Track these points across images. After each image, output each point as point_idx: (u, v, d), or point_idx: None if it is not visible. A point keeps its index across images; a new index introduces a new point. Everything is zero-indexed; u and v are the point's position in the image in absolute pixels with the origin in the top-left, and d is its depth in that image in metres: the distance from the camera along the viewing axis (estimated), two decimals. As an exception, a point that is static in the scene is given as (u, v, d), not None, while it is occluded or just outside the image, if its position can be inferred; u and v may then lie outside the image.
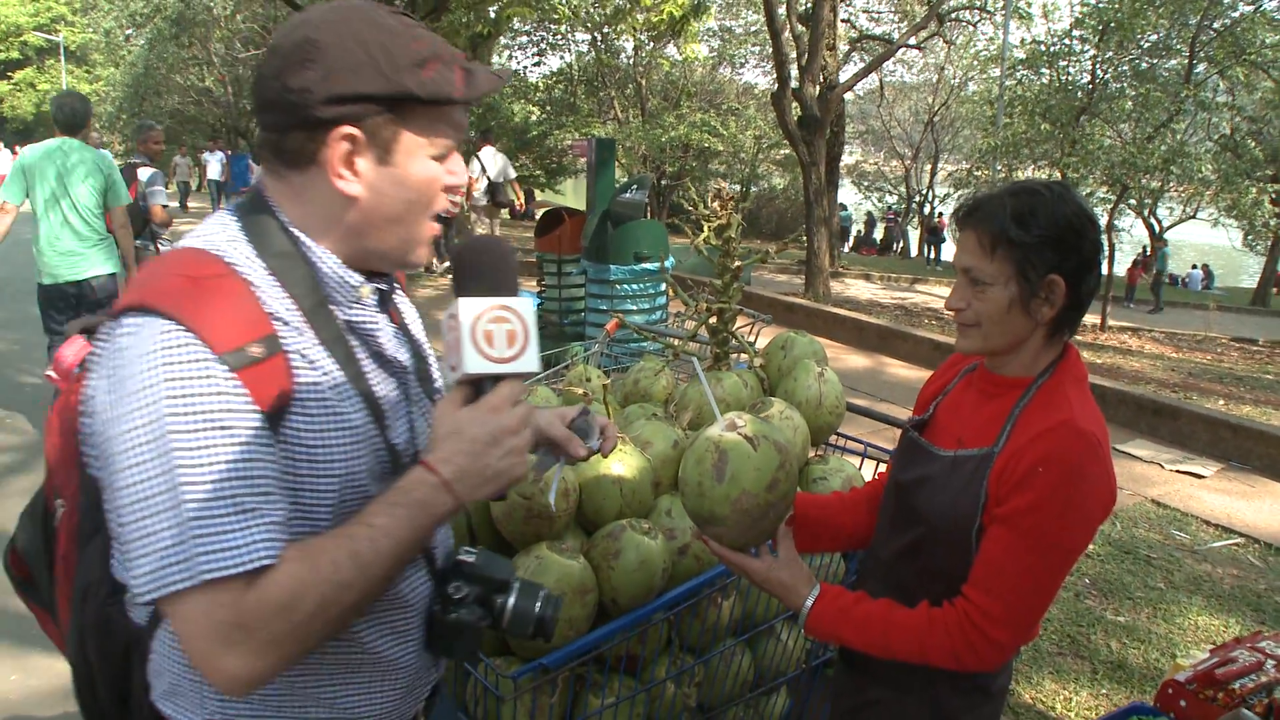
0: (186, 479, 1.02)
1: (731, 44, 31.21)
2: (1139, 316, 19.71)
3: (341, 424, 1.16)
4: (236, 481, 1.04)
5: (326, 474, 1.14)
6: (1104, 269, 1.68)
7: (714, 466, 1.63)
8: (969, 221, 1.65)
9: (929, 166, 33.93)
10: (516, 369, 1.19)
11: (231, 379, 1.05)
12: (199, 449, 1.02)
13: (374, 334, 1.26)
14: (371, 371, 1.23)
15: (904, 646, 1.63)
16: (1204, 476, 6.62)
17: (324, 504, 1.15)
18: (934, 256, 30.36)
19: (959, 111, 31.14)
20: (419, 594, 1.30)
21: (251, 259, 1.15)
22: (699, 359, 2.75)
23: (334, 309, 1.21)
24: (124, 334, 1.07)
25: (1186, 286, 28.25)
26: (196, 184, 26.35)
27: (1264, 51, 15.89)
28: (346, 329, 1.22)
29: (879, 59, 18.41)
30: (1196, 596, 4.67)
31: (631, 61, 28.66)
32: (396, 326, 1.33)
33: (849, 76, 17.13)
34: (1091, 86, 15.73)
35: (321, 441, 1.14)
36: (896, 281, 21.32)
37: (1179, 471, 6.71)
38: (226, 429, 1.04)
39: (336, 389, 1.16)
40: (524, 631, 1.30)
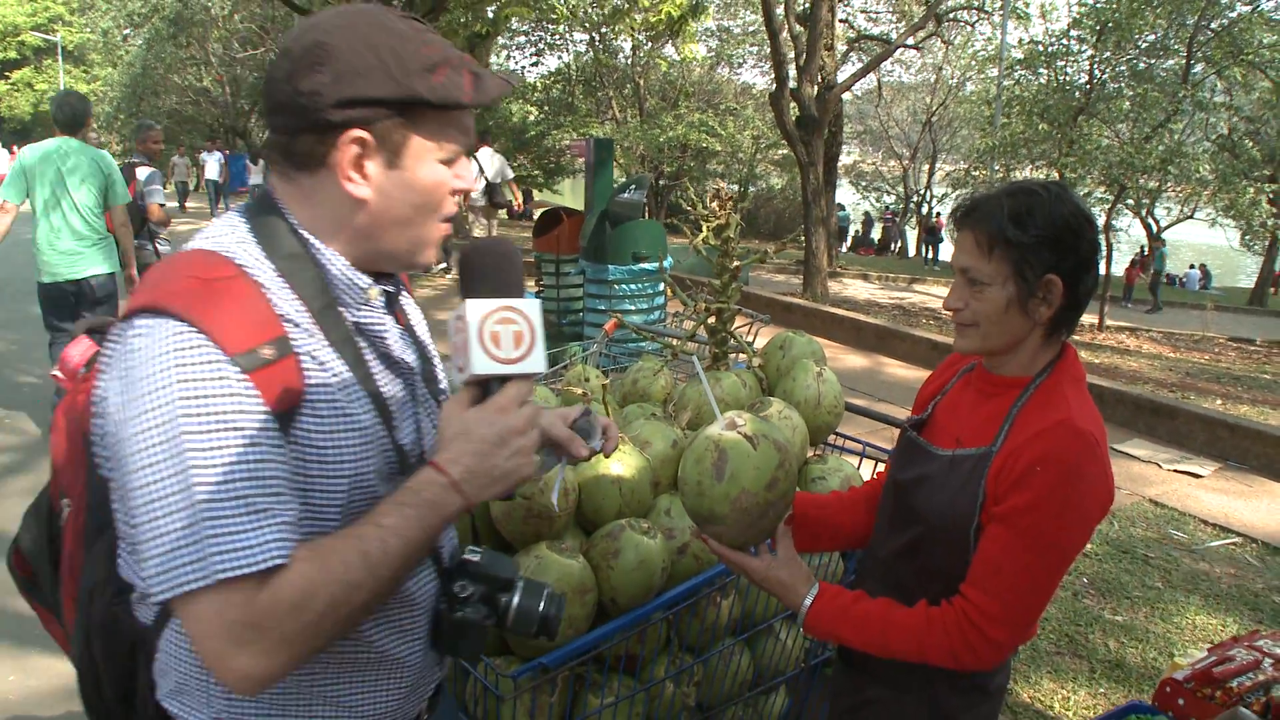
0: (200, 479, 1.02)
1: (729, 44, 31.22)
2: (1137, 316, 19.72)
3: (351, 425, 1.17)
4: (249, 482, 1.04)
5: (336, 474, 1.15)
6: (1101, 269, 1.67)
7: (714, 465, 1.63)
8: (967, 222, 1.66)
9: (927, 166, 33.94)
10: (523, 369, 1.20)
11: (244, 380, 1.06)
12: (212, 450, 1.03)
13: (382, 335, 1.27)
14: (379, 372, 1.24)
15: (902, 645, 1.63)
16: (1201, 476, 6.63)
17: (333, 504, 1.16)
18: (932, 256, 30.36)
19: (957, 111, 31.16)
20: (425, 592, 1.31)
21: (261, 261, 1.16)
22: (698, 358, 2.75)
23: (342, 310, 1.21)
24: (136, 335, 1.08)
25: (1184, 286, 28.25)
26: (194, 184, 26.31)
27: (1261, 52, 15.90)
28: (355, 330, 1.22)
29: (877, 59, 18.43)
30: (1194, 596, 4.68)
31: (629, 61, 28.66)
32: (402, 328, 1.34)
33: (847, 76, 17.16)
34: (1089, 86, 15.73)
35: (331, 442, 1.14)
36: (894, 281, 21.32)
37: (1177, 471, 6.72)
38: (239, 430, 1.04)
39: (346, 390, 1.17)
40: (528, 630, 1.31)
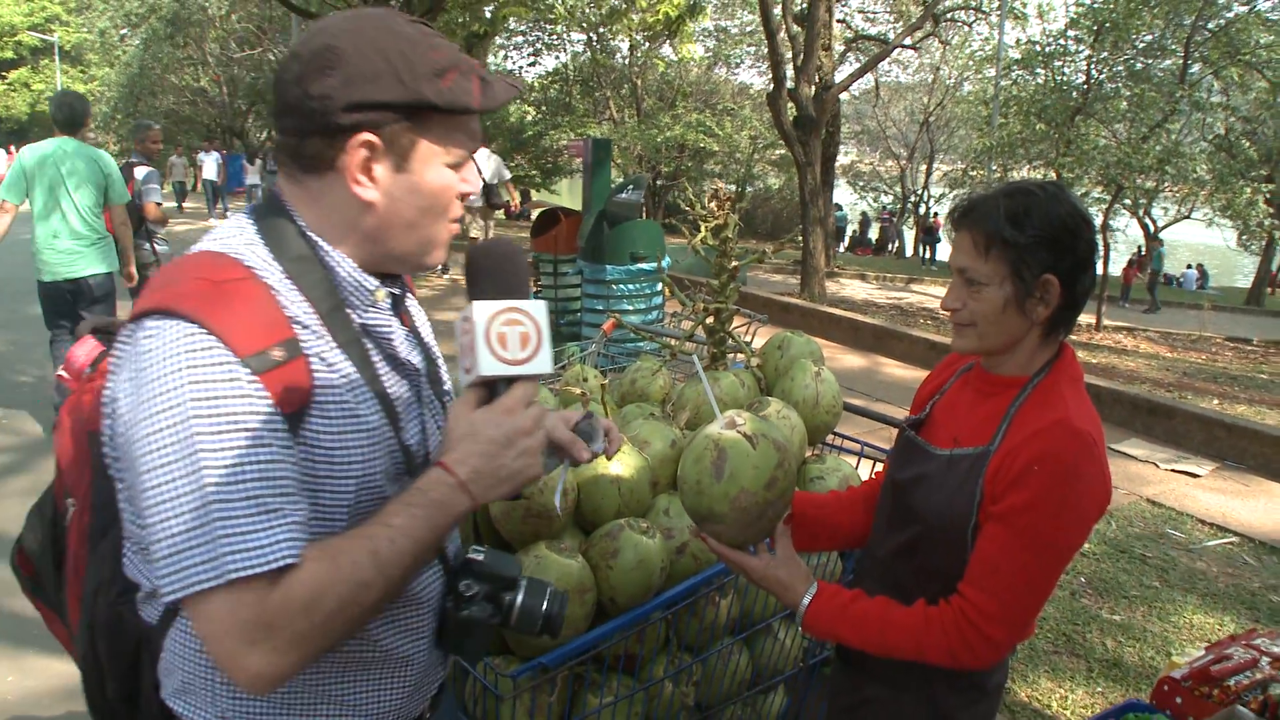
0: (212, 480, 1.03)
1: (727, 44, 31.23)
2: (1134, 316, 19.74)
3: (359, 425, 1.17)
4: (260, 482, 1.05)
5: (344, 475, 1.16)
6: (1099, 269, 1.68)
7: (713, 464, 1.63)
8: (964, 222, 1.66)
9: (924, 166, 33.95)
10: (530, 370, 1.21)
11: (254, 382, 1.06)
12: (224, 450, 1.03)
13: (388, 337, 1.28)
14: (386, 374, 1.24)
15: (901, 644, 1.64)
16: (1199, 476, 6.64)
17: (341, 504, 1.16)
18: (929, 256, 30.38)
19: (954, 111, 31.18)
20: (431, 591, 1.31)
21: (269, 263, 1.16)
22: (698, 357, 2.76)
23: (350, 312, 1.22)
24: (147, 336, 1.08)
25: (1181, 286, 28.29)
26: (192, 184, 26.28)
27: (1258, 52, 15.91)
28: (361, 332, 1.23)
29: (874, 59, 18.40)
30: (1191, 595, 4.69)
31: (627, 62, 28.66)
32: (408, 329, 1.34)
33: (844, 77, 17.17)
34: (1086, 87, 15.73)
35: (340, 443, 1.15)
36: (892, 281, 21.32)
37: (1174, 471, 6.72)
38: (250, 431, 1.05)
39: (354, 391, 1.18)
40: (531, 628, 1.32)
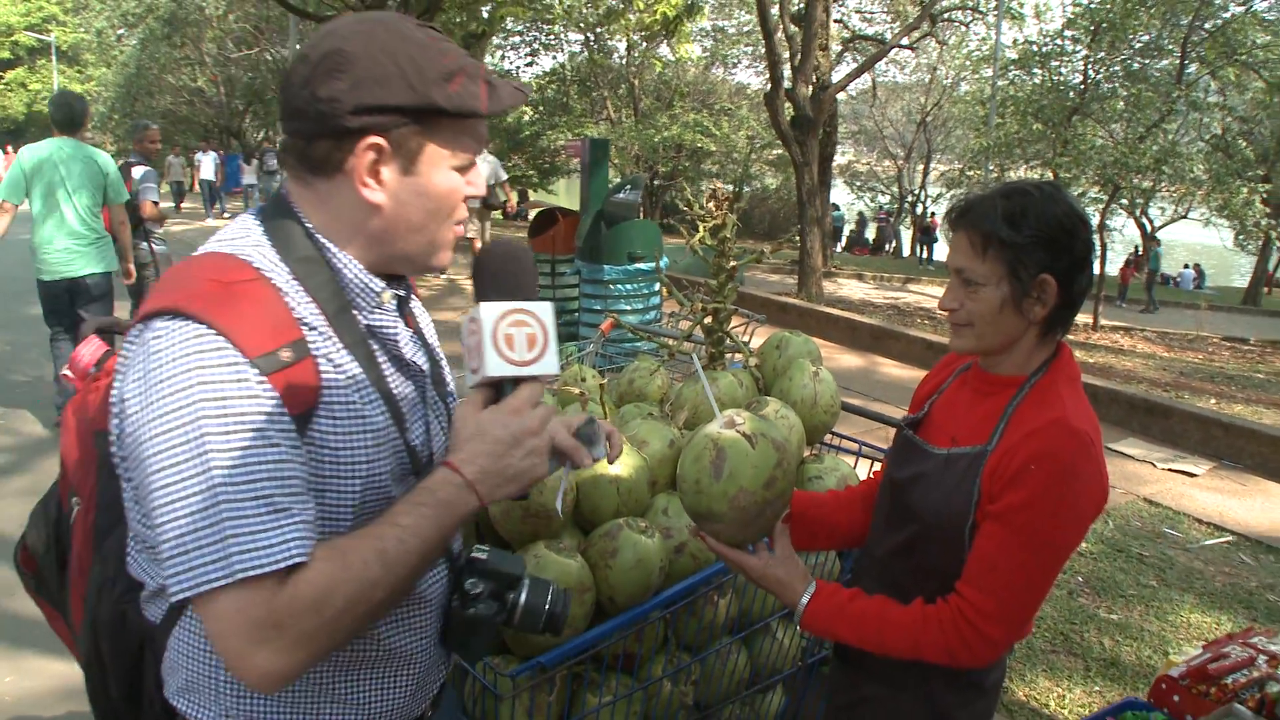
0: (222, 480, 1.03)
1: (724, 44, 31.25)
2: (1131, 316, 19.76)
3: (365, 426, 1.18)
4: (269, 482, 1.05)
5: (350, 475, 1.17)
6: (1096, 269, 1.68)
7: (712, 464, 1.64)
8: (961, 222, 1.67)
9: (921, 166, 33.96)
10: (536, 371, 1.22)
11: (263, 382, 1.07)
12: (233, 450, 1.04)
13: (394, 338, 1.28)
14: (391, 374, 1.25)
15: (899, 643, 1.64)
16: (1196, 475, 6.65)
17: (347, 504, 1.17)
18: (927, 256, 30.39)
19: (951, 111, 31.17)
20: (435, 590, 1.32)
21: (277, 264, 1.17)
22: (697, 357, 2.76)
23: (356, 314, 1.22)
24: (156, 337, 1.08)
25: (1178, 286, 28.31)
26: (189, 184, 26.25)
27: (1255, 52, 15.96)
28: (367, 333, 1.24)
29: (872, 59, 18.40)
30: (1188, 594, 4.69)
31: (624, 62, 28.67)
32: (412, 331, 1.35)
33: (842, 77, 17.16)
34: (1083, 87, 15.76)
35: (346, 443, 1.16)
36: (889, 281, 21.33)
37: (1171, 470, 6.73)
38: (259, 431, 1.06)
39: (361, 392, 1.18)
40: (534, 626, 1.33)
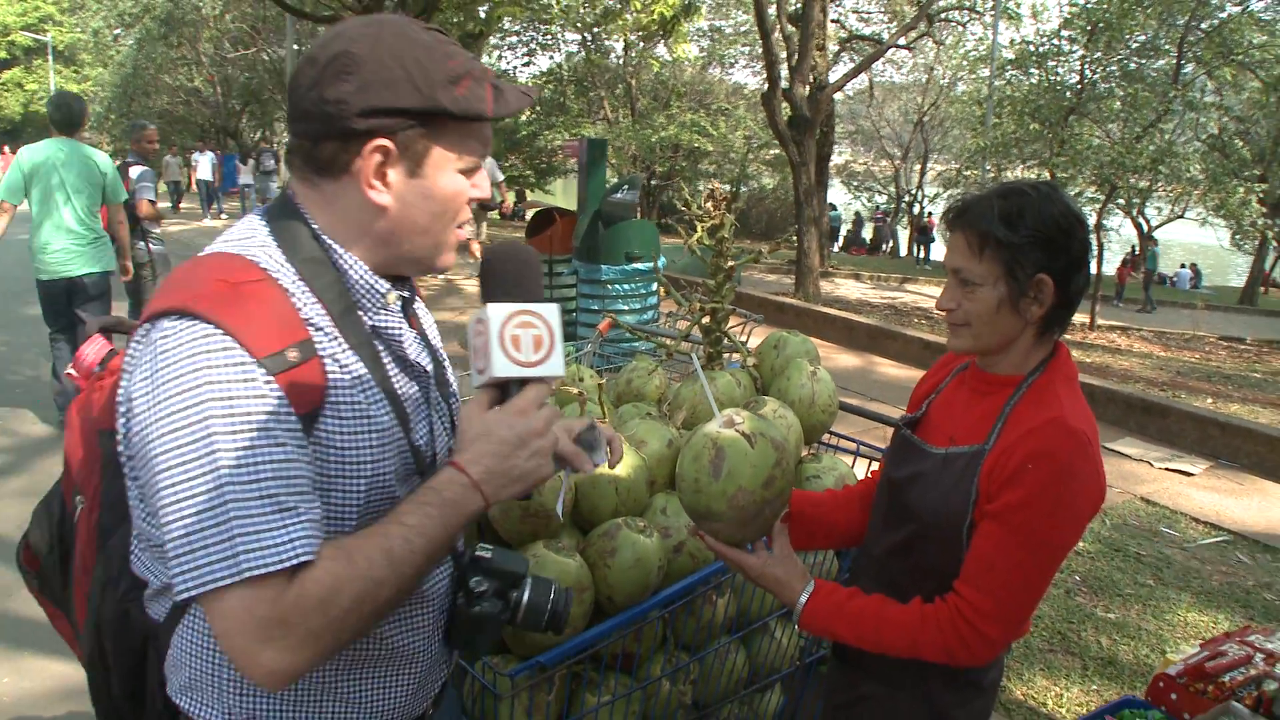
0: (230, 479, 1.04)
1: (721, 44, 31.26)
2: (1128, 315, 19.78)
3: (371, 426, 1.18)
4: (276, 481, 1.06)
5: (356, 474, 1.17)
6: (1093, 268, 1.69)
7: (711, 463, 1.64)
8: (958, 223, 1.67)
9: (918, 166, 33.97)
10: (542, 373, 1.23)
11: (270, 382, 1.07)
12: (241, 449, 1.04)
13: (398, 339, 1.29)
14: (396, 375, 1.26)
15: (897, 642, 1.65)
16: (1192, 474, 6.66)
17: (352, 504, 1.18)
18: (923, 256, 30.40)
19: (948, 111, 31.18)
20: (438, 589, 1.33)
21: (283, 264, 1.18)
22: (696, 356, 2.77)
23: (361, 314, 1.23)
24: (163, 337, 1.09)
25: (1175, 286, 28.34)
26: (186, 184, 26.23)
27: (1251, 52, 15.97)
28: (372, 334, 1.24)
29: (869, 59, 18.42)
30: (1185, 593, 4.71)
31: (622, 62, 28.67)
32: (416, 332, 1.36)
33: (839, 77, 17.12)
34: (1080, 87, 15.77)
35: (352, 443, 1.16)
36: (886, 281, 21.34)
37: (1168, 469, 6.75)
38: (266, 430, 1.06)
39: (366, 392, 1.19)
40: (537, 625, 1.33)
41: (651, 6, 16.96)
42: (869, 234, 35.05)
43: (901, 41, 22.10)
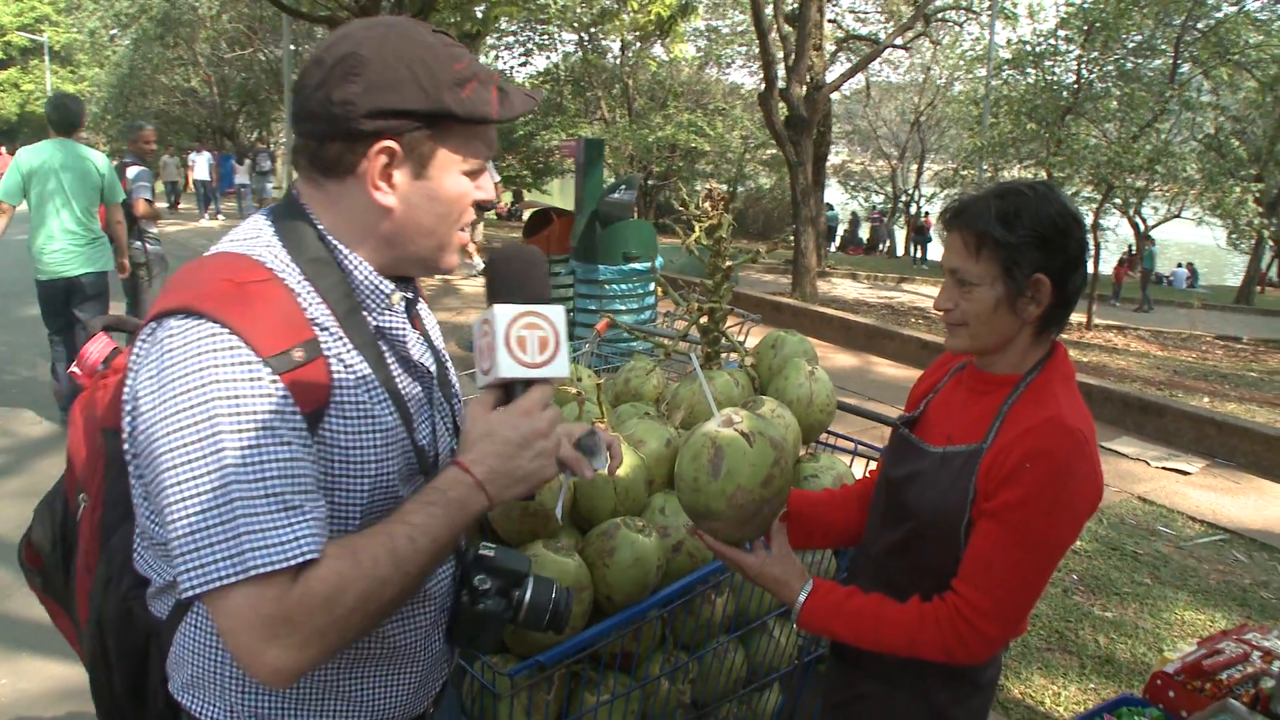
0: (236, 477, 1.04)
1: (718, 44, 31.25)
2: (1125, 315, 19.81)
3: (375, 426, 1.19)
4: (282, 479, 1.06)
5: (359, 474, 1.17)
6: (1090, 268, 1.70)
7: (710, 462, 1.64)
8: (955, 223, 1.67)
9: (915, 166, 33.99)
10: (547, 374, 1.24)
11: (276, 382, 1.08)
12: (247, 448, 1.05)
13: (402, 339, 1.29)
14: (399, 375, 1.26)
15: (895, 640, 1.65)
16: (1189, 473, 6.67)
17: (355, 503, 1.18)
18: (920, 256, 30.43)
19: (945, 111, 31.21)
20: (441, 587, 1.33)
21: (288, 265, 1.18)
22: (695, 355, 2.77)
23: (365, 315, 1.23)
24: (170, 335, 1.09)
25: (1171, 285, 28.37)
26: (183, 184, 26.19)
27: (1248, 52, 16.00)
28: (377, 334, 1.25)
29: (865, 59, 18.42)
30: (1182, 592, 4.71)
31: (619, 61, 28.66)
32: (419, 333, 1.36)
33: (836, 77, 17.14)
34: (1077, 86, 15.79)
35: (356, 443, 1.17)
36: (883, 281, 21.36)
37: (1165, 468, 6.76)
38: (272, 429, 1.07)
39: (371, 392, 1.19)
40: (538, 623, 1.34)
41: (649, 6, 16.98)
42: (865, 234, 35.07)
43: (898, 41, 22.10)
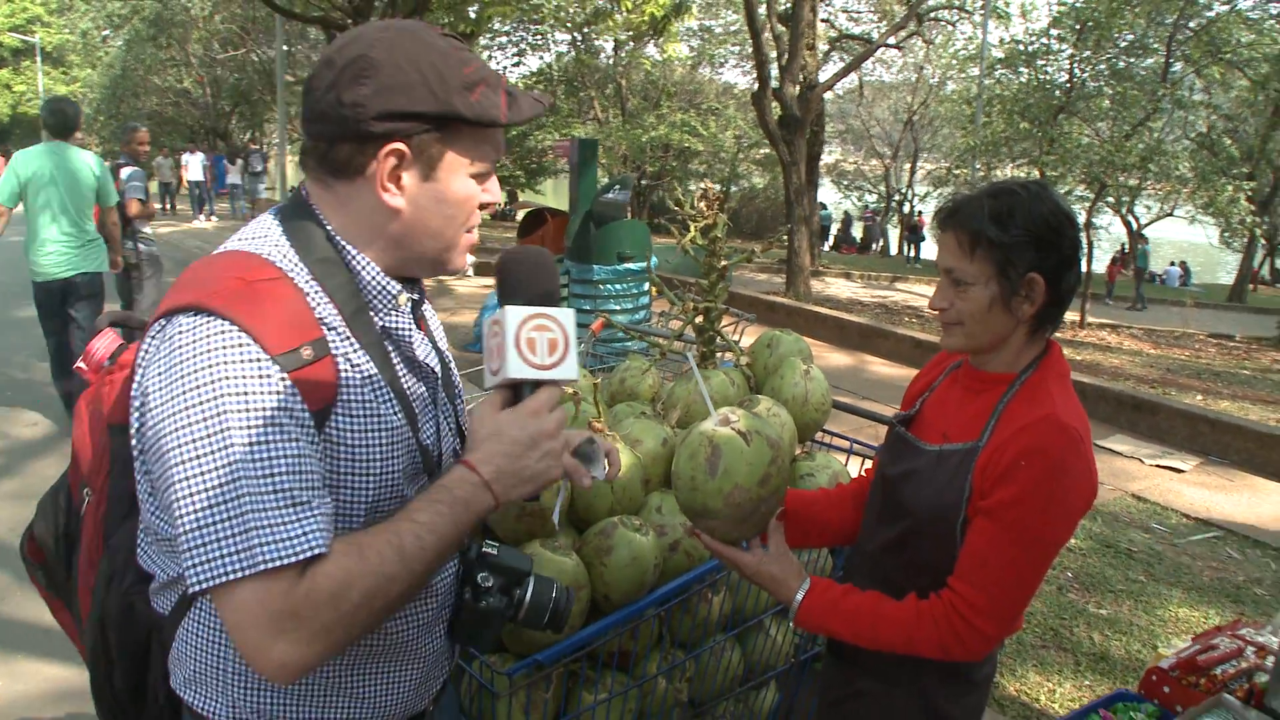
0: (244, 473, 1.04)
1: (711, 44, 31.25)
2: (1118, 313, 19.85)
3: (381, 425, 1.20)
4: (289, 476, 1.07)
5: (365, 472, 1.18)
6: (1083, 266, 1.68)
7: (707, 461, 1.65)
8: (949, 223, 1.68)
9: (908, 165, 34.04)
10: (556, 376, 1.25)
11: (285, 379, 1.09)
12: (256, 445, 1.05)
13: (407, 340, 1.30)
14: (405, 375, 1.27)
15: (892, 638, 1.66)
16: (1183, 471, 6.70)
17: (360, 501, 1.19)
18: (914, 255, 30.47)
19: (938, 110, 31.24)
20: (444, 584, 1.34)
21: (297, 264, 1.19)
22: (691, 355, 2.78)
23: (372, 315, 1.24)
24: (179, 332, 1.10)
25: (1164, 283, 28.45)
26: (176, 185, 26.14)
27: (1240, 50, 16.04)
28: (383, 334, 1.25)
29: (859, 59, 18.46)
30: (1176, 589, 4.73)
31: (612, 61, 28.66)
32: (424, 334, 1.37)
33: (829, 76, 17.20)
34: (1069, 85, 15.81)
35: (362, 441, 1.17)
36: (877, 280, 21.38)
37: (1158, 466, 6.78)
38: (280, 427, 1.07)
39: (377, 391, 1.20)
40: (539, 622, 1.35)
41: (642, 6, 16.98)
42: (859, 233, 35.11)
43: (891, 41, 22.16)
